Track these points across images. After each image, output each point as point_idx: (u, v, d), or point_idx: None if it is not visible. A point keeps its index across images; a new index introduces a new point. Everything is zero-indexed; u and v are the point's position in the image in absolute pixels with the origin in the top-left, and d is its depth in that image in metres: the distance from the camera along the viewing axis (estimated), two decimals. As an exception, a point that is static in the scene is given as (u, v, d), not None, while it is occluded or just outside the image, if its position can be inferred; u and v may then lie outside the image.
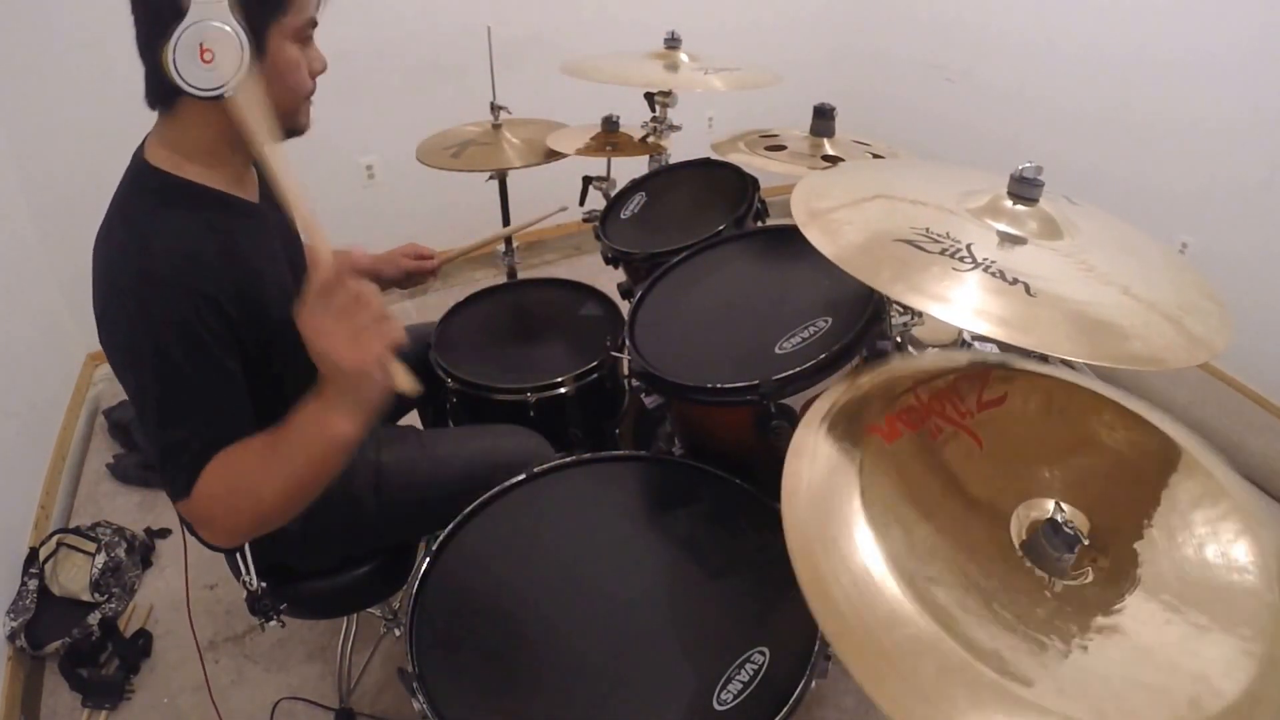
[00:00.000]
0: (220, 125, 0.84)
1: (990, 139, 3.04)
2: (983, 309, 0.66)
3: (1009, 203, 0.79)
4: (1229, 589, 0.61)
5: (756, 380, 0.92)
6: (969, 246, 0.73)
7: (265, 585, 1.03)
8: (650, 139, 1.73)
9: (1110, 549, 0.64)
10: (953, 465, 0.70)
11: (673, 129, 1.74)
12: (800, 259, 1.16)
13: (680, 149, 1.72)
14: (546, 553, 0.93)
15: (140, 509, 1.91)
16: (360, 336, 0.71)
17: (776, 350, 1.01)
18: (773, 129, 1.50)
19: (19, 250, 2.10)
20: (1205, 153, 2.29)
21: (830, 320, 1.02)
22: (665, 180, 1.64)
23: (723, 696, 0.74)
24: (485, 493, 0.99)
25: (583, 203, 1.89)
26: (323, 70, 0.90)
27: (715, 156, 1.48)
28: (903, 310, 1.05)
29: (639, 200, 1.61)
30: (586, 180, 1.91)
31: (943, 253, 0.72)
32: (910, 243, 0.74)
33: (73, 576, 1.61)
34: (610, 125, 1.79)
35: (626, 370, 1.42)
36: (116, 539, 1.72)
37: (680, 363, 1.06)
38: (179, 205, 0.83)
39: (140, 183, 0.85)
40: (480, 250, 1.50)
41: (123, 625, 1.61)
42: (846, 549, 0.60)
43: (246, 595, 1.03)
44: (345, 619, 1.31)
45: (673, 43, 1.70)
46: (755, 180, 1.44)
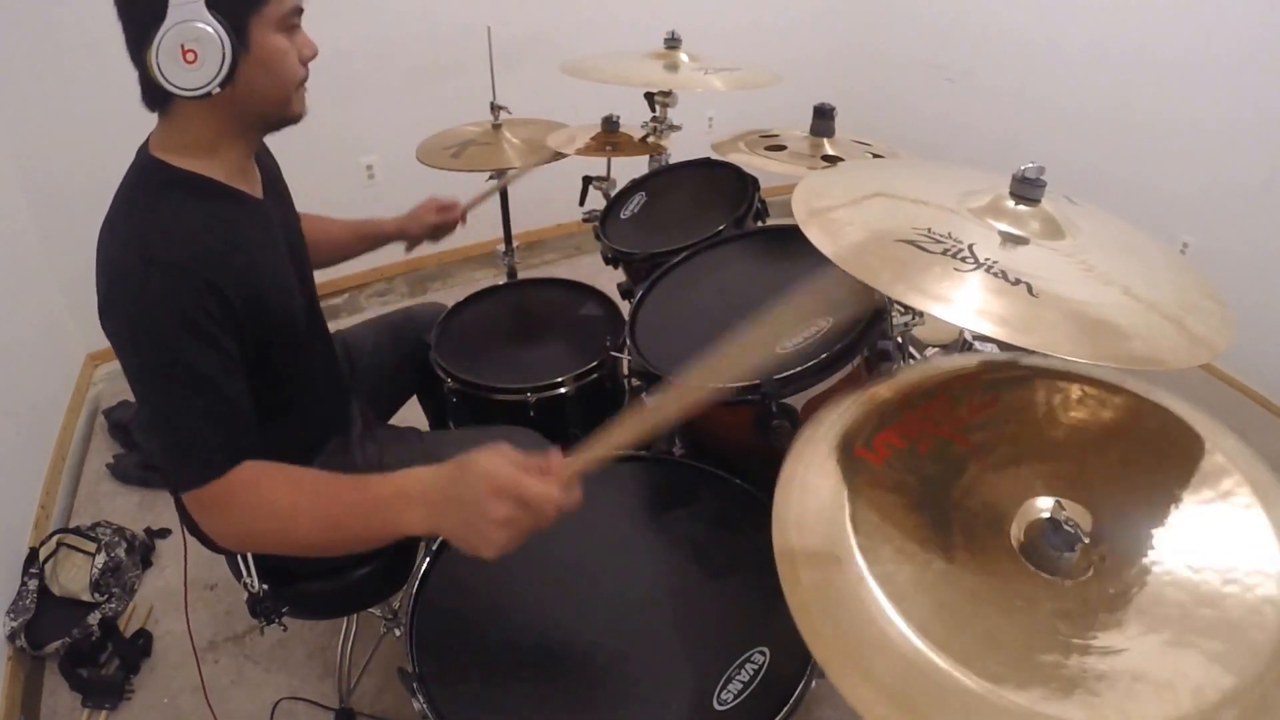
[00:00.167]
0: (217, 121, 0.84)
1: (991, 139, 3.04)
2: (984, 309, 0.66)
3: (1011, 203, 0.79)
4: (1238, 569, 0.59)
5: (758, 380, 0.92)
6: (971, 246, 0.73)
7: (266, 587, 1.03)
8: (650, 139, 1.73)
9: (1113, 543, 0.64)
10: (945, 475, 0.69)
11: (673, 129, 1.73)
12: (801, 258, 1.16)
13: (680, 149, 1.72)
14: (546, 552, 0.93)
15: (140, 509, 1.91)
16: (522, 534, 0.72)
17: (778, 349, 1.01)
18: (773, 129, 1.50)
19: (19, 250, 2.10)
20: (1206, 153, 2.29)
21: (831, 320, 1.02)
22: (665, 180, 1.64)
23: (723, 696, 0.74)
24: None
25: (583, 203, 1.89)
26: (313, 55, 0.89)
27: (715, 156, 1.48)
28: (904, 310, 1.05)
29: (639, 200, 1.61)
30: (586, 180, 1.91)
31: (944, 253, 0.72)
32: (912, 243, 0.74)
33: (73, 576, 1.61)
34: (610, 125, 1.78)
35: (626, 370, 1.42)
36: (116, 539, 1.72)
37: (681, 362, 1.06)
38: (182, 195, 0.84)
39: (144, 174, 0.85)
40: (499, 189, 1.51)
41: (123, 625, 1.60)
42: (835, 576, 0.59)
43: (247, 598, 1.03)
44: (345, 619, 1.31)
45: (673, 43, 1.70)
46: (755, 180, 1.44)
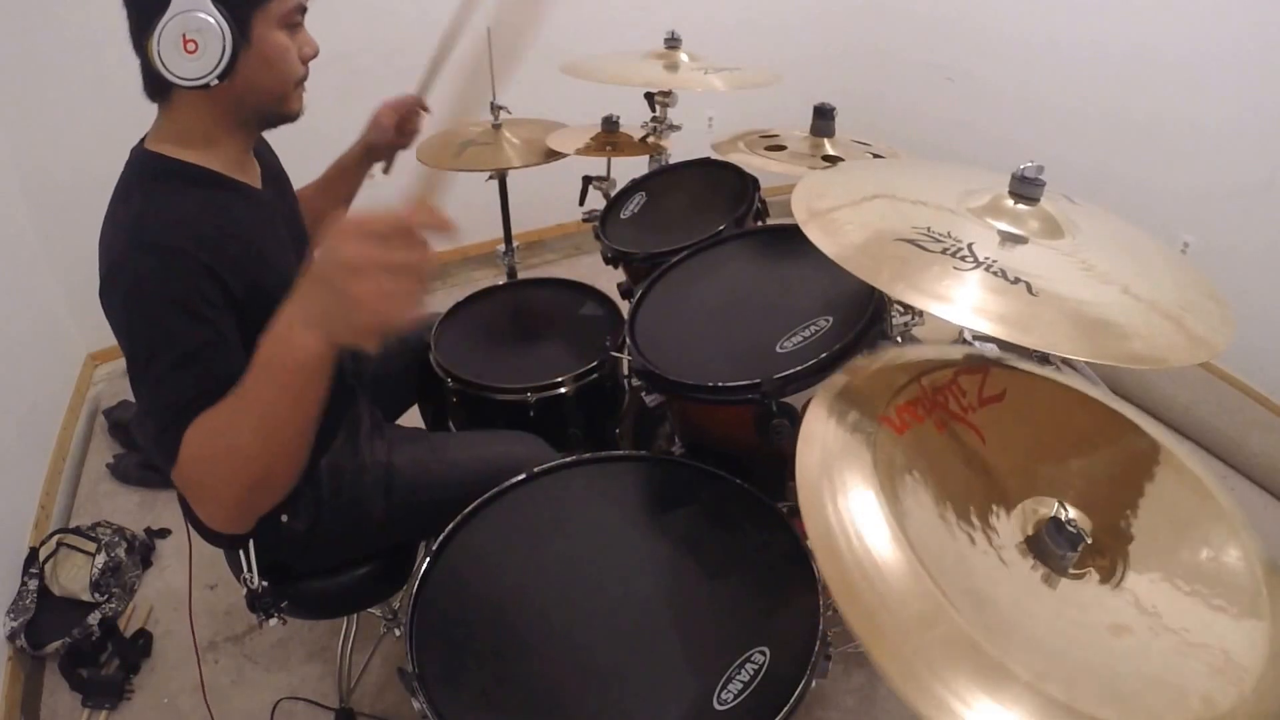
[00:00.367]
0: (216, 111, 0.85)
1: (990, 139, 3.04)
2: (984, 308, 0.66)
3: (1010, 202, 0.79)
4: (1224, 582, 0.61)
5: (758, 379, 0.92)
6: (970, 246, 0.73)
7: (266, 584, 1.03)
8: (650, 139, 1.73)
9: (1111, 548, 0.64)
10: (958, 459, 0.70)
11: (673, 129, 1.74)
12: (801, 258, 1.16)
13: (680, 149, 1.72)
14: (547, 552, 0.93)
15: (140, 509, 1.91)
16: (398, 299, 0.61)
17: (778, 349, 1.01)
18: (773, 129, 1.50)
19: (19, 250, 2.10)
20: (1206, 152, 2.29)
21: (831, 319, 1.02)
22: (665, 180, 1.64)
23: (723, 696, 0.74)
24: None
25: (583, 203, 1.89)
26: (314, 55, 0.90)
27: (715, 156, 1.48)
28: (903, 309, 1.05)
29: (639, 200, 1.61)
30: (586, 180, 1.91)
31: (944, 252, 0.72)
32: (911, 242, 0.74)
33: (73, 576, 1.61)
34: (610, 125, 1.79)
35: (626, 370, 1.42)
36: (116, 539, 1.72)
37: (681, 361, 1.06)
38: (179, 183, 0.84)
39: (142, 166, 0.85)
40: (445, 57, 1.29)
41: (123, 625, 1.60)
42: (865, 527, 0.59)
43: (246, 592, 1.03)
44: (345, 619, 1.31)
45: (673, 43, 1.70)
46: (755, 180, 1.44)
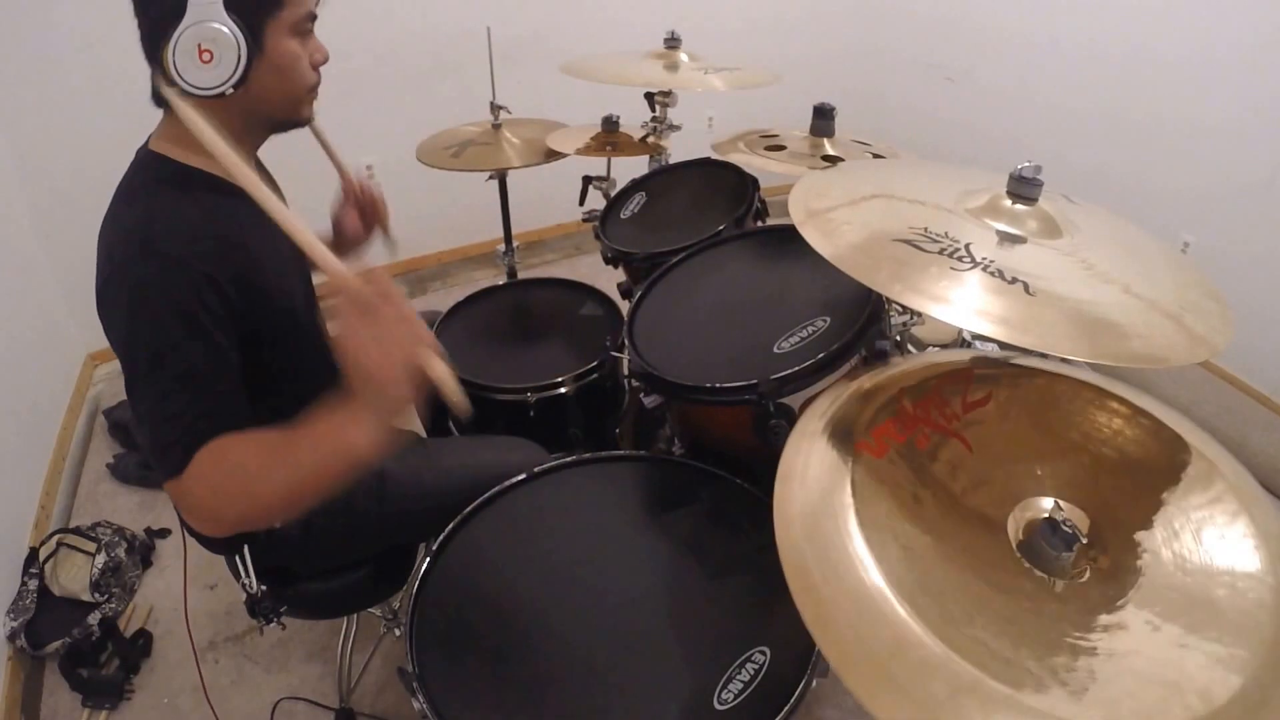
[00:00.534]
0: (226, 120, 0.85)
1: (990, 139, 3.04)
2: (982, 308, 0.66)
3: (1008, 202, 0.79)
4: (1230, 573, 0.60)
5: (755, 380, 0.92)
6: (968, 246, 0.73)
7: (265, 588, 1.03)
8: (650, 139, 1.73)
9: (1109, 545, 0.64)
10: (944, 473, 0.70)
11: (673, 129, 1.74)
12: (799, 259, 1.16)
13: (680, 149, 1.72)
14: (546, 552, 0.93)
15: (140, 509, 1.91)
16: (385, 338, 0.69)
17: (775, 350, 1.01)
18: (773, 129, 1.50)
19: (19, 251, 2.10)
20: (1207, 152, 2.29)
21: (829, 320, 1.02)
22: (665, 180, 1.64)
23: (723, 696, 0.74)
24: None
25: (583, 203, 1.89)
26: (325, 61, 0.90)
27: (715, 156, 1.48)
28: (901, 310, 1.05)
29: (639, 200, 1.61)
30: (586, 180, 1.91)
31: (941, 252, 0.72)
32: (909, 242, 0.74)
33: (73, 576, 1.61)
34: (610, 125, 1.79)
35: (626, 370, 1.42)
36: (116, 539, 1.72)
37: (679, 362, 1.06)
38: (183, 188, 0.84)
39: (145, 168, 0.85)
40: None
41: (123, 625, 1.61)
42: (845, 573, 0.59)
43: (246, 598, 1.03)
44: (345, 619, 1.31)
45: (673, 43, 1.71)
46: (755, 180, 1.44)
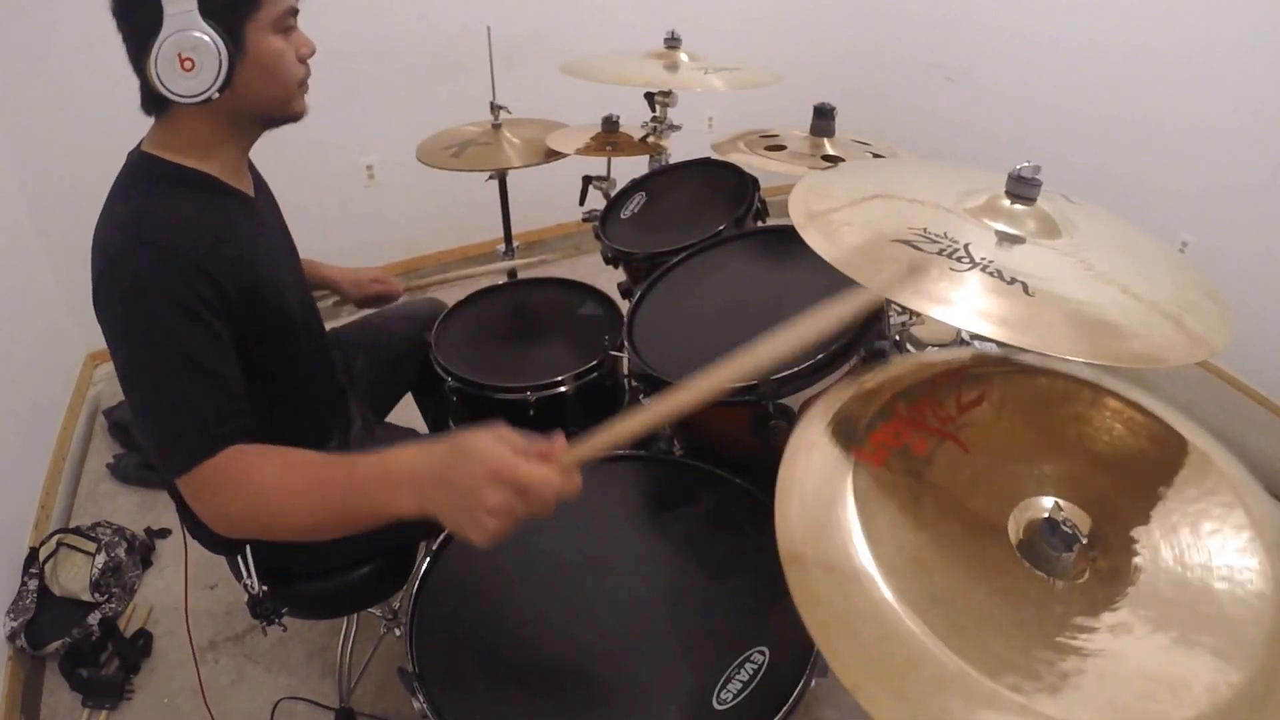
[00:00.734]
0: (216, 123, 0.85)
1: (990, 139, 3.04)
2: (981, 309, 0.66)
3: (1007, 202, 0.79)
4: (1228, 566, 0.60)
5: (755, 380, 0.92)
6: (967, 246, 0.73)
7: (266, 588, 1.03)
8: (650, 139, 1.73)
9: (1108, 544, 0.64)
10: (943, 476, 0.69)
11: (673, 129, 1.74)
12: (799, 259, 1.16)
13: (680, 149, 1.72)
14: (547, 552, 0.93)
15: (140, 509, 1.92)
16: (513, 522, 0.67)
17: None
18: (773, 129, 1.50)
19: (19, 250, 2.10)
20: (1205, 152, 2.29)
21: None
22: (665, 180, 1.64)
23: (722, 696, 0.74)
24: None
25: (583, 202, 1.89)
26: (311, 54, 0.90)
27: (715, 156, 1.48)
28: (901, 310, 1.05)
29: (639, 200, 1.61)
30: (586, 180, 1.91)
31: (940, 252, 0.72)
32: (908, 243, 0.74)
33: (73, 576, 1.61)
34: (610, 125, 1.79)
35: (627, 369, 1.42)
36: (116, 539, 1.72)
37: (679, 362, 1.06)
38: (175, 186, 0.84)
39: (138, 169, 0.86)
40: (444, 282, 1.55)
41: (123, 625, 1.61)
42: (855, 594, 0.59)
43: (248, 599, 1.03)
44: (345, 619, 1.31)
45: (673, 42, 1.71)
46: (755, 180, 1.44)
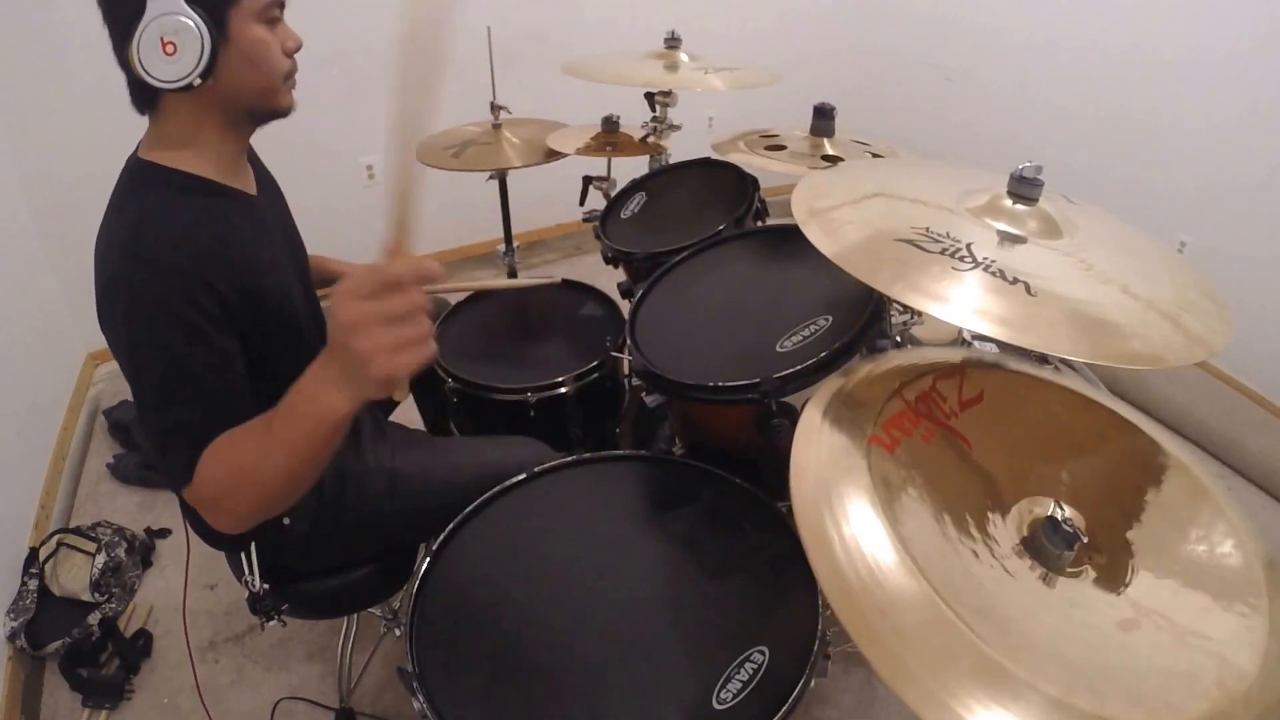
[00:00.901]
0: (205, 115, 0.85)
1: (990, 139, 3.04)
2: (982, 308, 0.66)
3: (1009, 202, 0.79)
4: (1220, 570, 0.62)
5: (758, 378, 0.92)
6: (969, 246, 0.73)
7: (267, 586, 1.03)
8: (650, 139, 1.73)
9: (1107, 544, 0.64)
10: (950, 467, 0.70)
11: (673, 129, 1.74)
12: (800, 258, 1.17)
13: (680, 149, 1.73)
14: (547, 552, 0.93)
15: (140, 509, 1.91)
16: (402, 348, 0.64)
17: (777, 349, 1.01)
18: (773, 129, 1.50)
19: (19, 250, 2.10)
20: (1204, 152, 2.29)
21: (830, 319, 1.02)
22: (665, 180, 1.64)
23: (722, 695, 0.74)
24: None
25: (583, 203, 1.90)
26: (297, 47, 0.89)
27: (715, 156, 1.48)
28: (902, 309, 1.05)
29: (639, 200, 1.61)
30: (586, 180, 1.91)
31: (943, 252, 0.72)
32: (910, 242, 0.74)
33: (73, 576, 1.61)
34: (610, 125, 1.79)
35: (627, 370, 1.42)
36: (116, 539, 1.72)
37: (681, 361, 1.06)
38: (174, 193, 0.84)
39: (135, 176, 0.85)
40: (456, 290, 1.55)
41: (123, 625, 1.60)
42: (861, 533, 0.59)
43: (248, 595, 1.03)
44: (345, 619, 1.31)
45: (673, 42, 1.71)
46: (755, 180, 1.44)
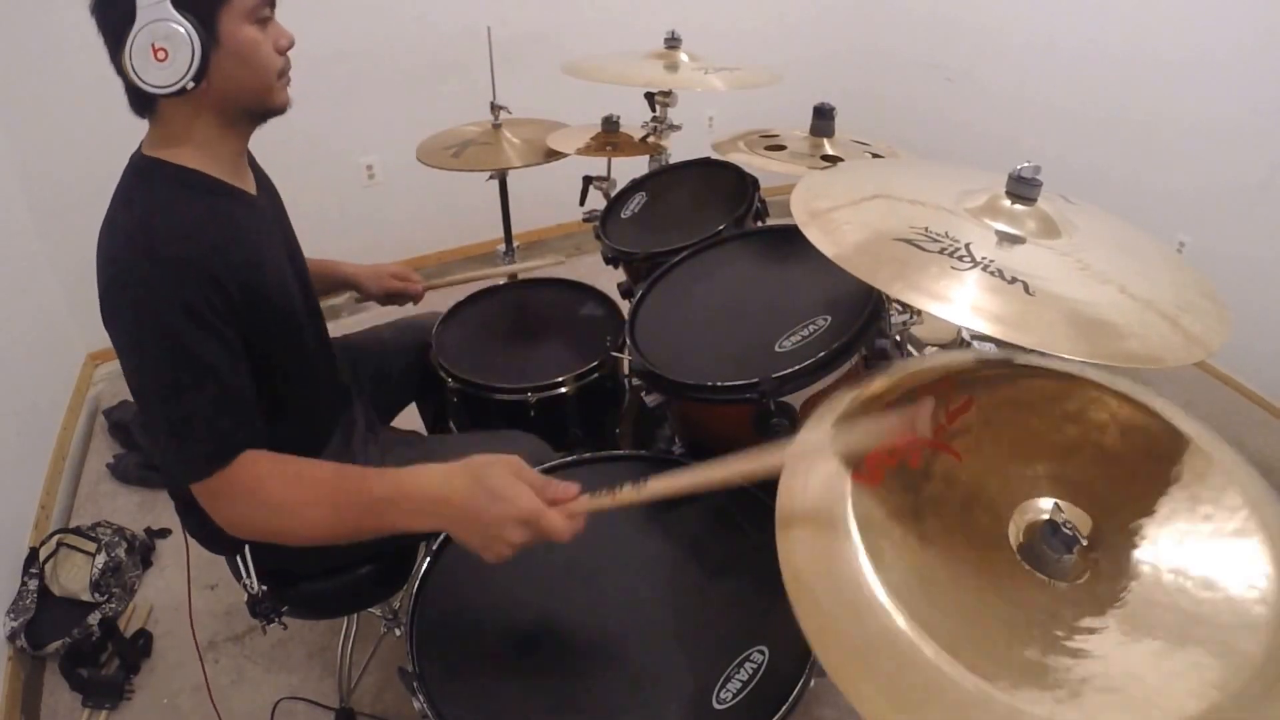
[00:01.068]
0: (203, 117, 0.85)
1: (990, 139, 3.04)
2: (981, 308, 0.66)
3: (1007, 202, 0.79)
4: (1230, 560, 0.60)
5: (757, 378, 0.92)
6: (968, 246, 0.73)
7: (266, 588, 1.03)
8: (650, 139, 1.73)
9: (1109, 544, 0.64)
10: (940, 488, 0.69)
11: (673, 129, 1.74)
12: (800, 258, 1.17)
13: (680, 149, 1.73)
14: (546, 552, 0.93)
15: (140, 509, 1.92)
16: (509, 547, 0.75)
17: (776, 348, 1.01)
18: (773, 129, 1.50)
19: (19, 250, 2.10)
20: (1204, 152, 2.30)
21: (830, 319, 1.02)
22: (665, 180, 1.64)
23: (722, 695, 0.74)
24: None
25: (583, 202, 1.90)
26: (289, 45, 0.89)
27: (715, 156, 1.48)
28: (901, 309, 1.05)
29: (639, 200, 1.61)
30: (586, 180, 1.91)
31: (941, 252, 0.72)
32: (909, 242, 0.74)
33: (73, 576, 1.61)
34: (610, 125, 1.79)
35: (627, 370, 1.43)
36: (116, 539, 1.72)
37: (681, 361, 1.06)
38: (179, 189, 0.84)
39: (140, 172, 0.86)
40: (468, 281, 1.55)
41: (123, 625, 1.61)
42: (863, 616, 0.57)
43: (248, 598, 1.03)
44: (345, 619, 1.31)
45: (673, 42, 1.71)
46: (755, 180, 1.44)
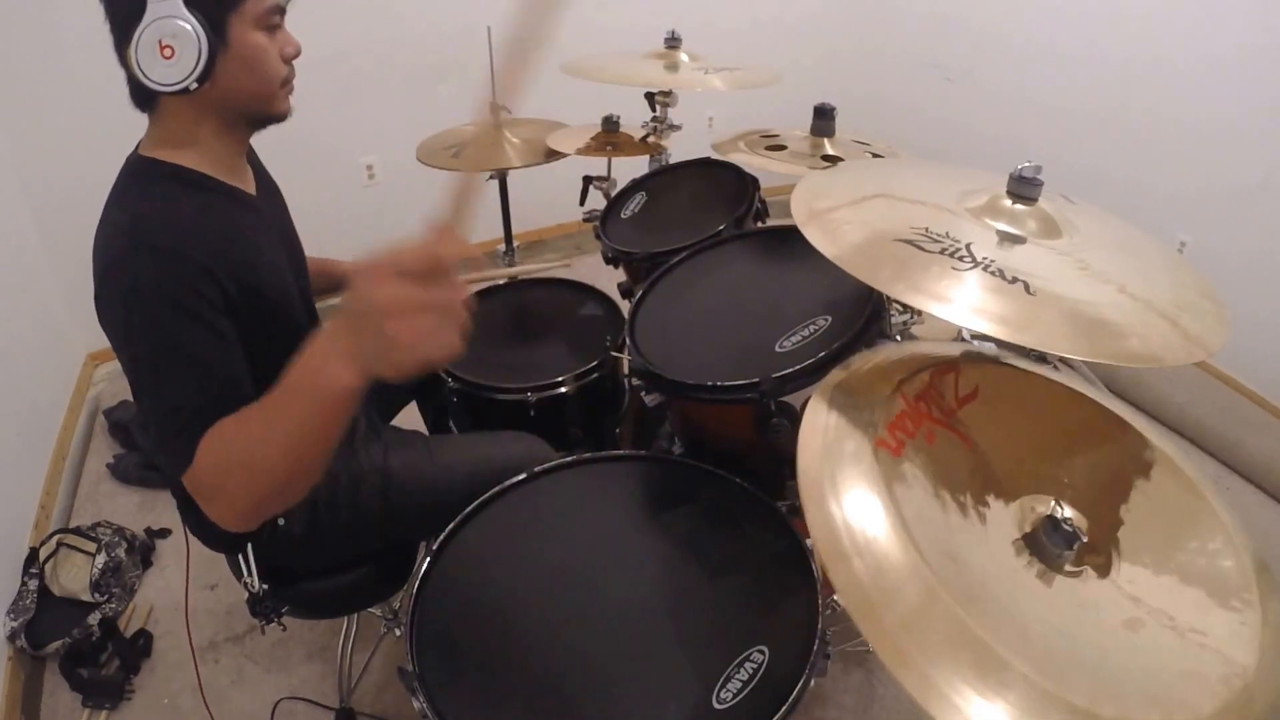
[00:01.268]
0: (203, 118, 0.85)
1: (990, 139, 3.04)
2: (982, 307, 0.66)
3: (1008, 202, 0.79)
4: (1212, 568, 0.62)
5: (757, 378, 0.92)
6: (968, 246, 0.73)
7: (266, 587, 1.03)
8: (650, 139, 1.73)
9: (1104, 543, 0.65)
10: (951, 467, 0.70)
11: (673, 129, 1.74)
12: (800, 258, 1.17)
13: (680, 149, 1.73)
14: (547, 552, 0.93)
15: (140, 509, 1.91)
16: (434, 339, 0.61)
17: (777, 348, 1.01)
18: (773, 129, 1.50)
19: (19, 250, 2.10)
20: (1204, 152, 2.30)
21: (830, 319, 1.02)
22: (665, 180, 1.64)
23: (722, 695, 0.74)
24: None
25: (583, 203, 1.90)
26: (296, 54, 0.89)
27: (715, 156, 1.49)
28: (902, 309, 1.05)
29: (639, 200, 1.61)
30: (587, 180, 1.92)
31: (942, 252, 0.72)
32: (910, 242, 0.74)
33: (73, 576, 1.61)
34: (610, 125, 1.79)
35: (627, 370, 1.43)
36: (116, 539, 1.72)
37: (681, 361, 1.06)
38: (177, 186, 0.84)
39: (136, 170, 0.86)
40: (467, 280, 1.54)
41: (123, 625, 1.61)
42: (864, 517, 0.59)
43: (248, 597, 1.03)
44: (345, 619, 1.31)
45: (673, 42, 1.71)
46: (755, 180, 1.44)
